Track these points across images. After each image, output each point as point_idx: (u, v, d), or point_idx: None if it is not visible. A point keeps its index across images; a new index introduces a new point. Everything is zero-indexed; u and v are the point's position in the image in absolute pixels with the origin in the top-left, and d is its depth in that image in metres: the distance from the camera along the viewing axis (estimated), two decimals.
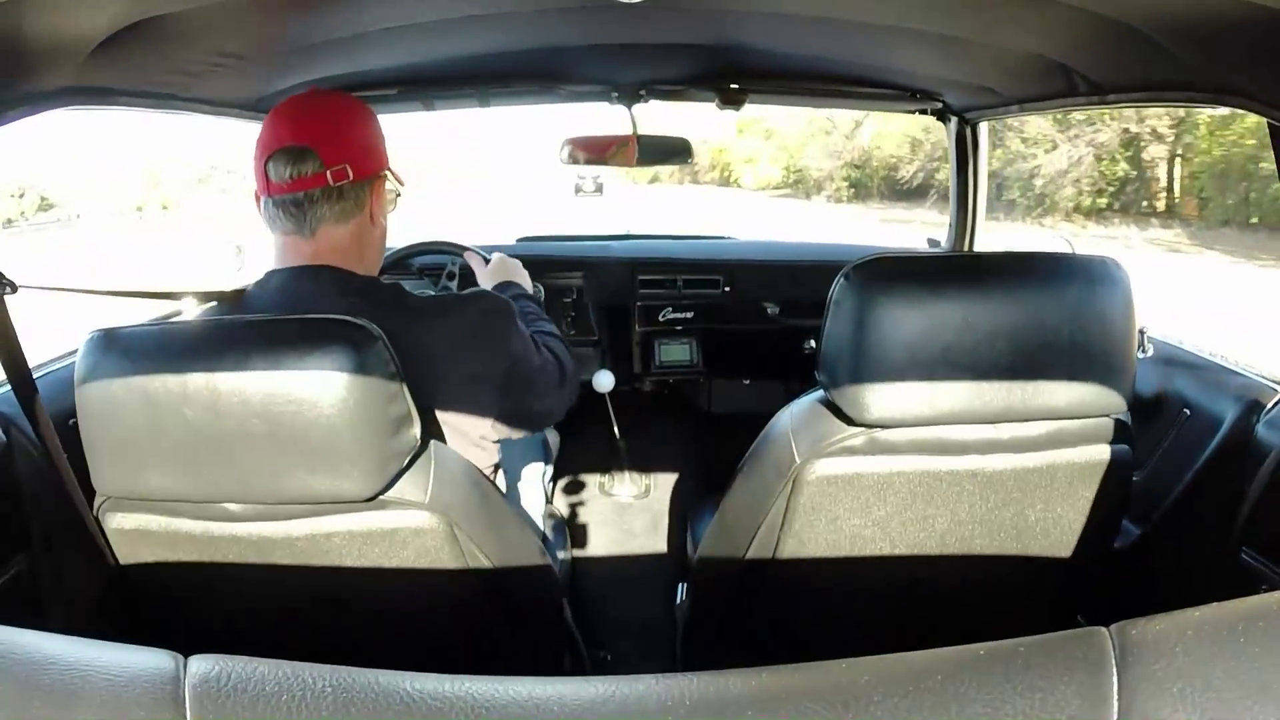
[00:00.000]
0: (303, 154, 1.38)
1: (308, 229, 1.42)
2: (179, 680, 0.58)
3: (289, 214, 1.41)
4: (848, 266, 1.25)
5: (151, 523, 1.23)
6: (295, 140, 1.39)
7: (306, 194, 1.39)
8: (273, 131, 1.40)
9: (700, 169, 42.85)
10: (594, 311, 3.03)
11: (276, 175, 1.39)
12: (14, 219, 29.30)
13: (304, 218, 1.41)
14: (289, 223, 1.41)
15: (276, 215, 1.41)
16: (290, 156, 1.39)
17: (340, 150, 1.41)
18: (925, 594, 1.50)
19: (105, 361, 1.12)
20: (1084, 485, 1.36)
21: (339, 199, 1.42)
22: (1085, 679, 0.56)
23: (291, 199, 1.40)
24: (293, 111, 1.43)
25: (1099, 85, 1.81)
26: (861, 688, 0.57)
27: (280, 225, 1.42)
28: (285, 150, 1.39)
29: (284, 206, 1.40)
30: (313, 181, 1.39)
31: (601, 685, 0.59)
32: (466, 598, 1.34)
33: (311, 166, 1.38)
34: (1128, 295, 1.26)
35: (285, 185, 1.39)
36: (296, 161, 1.38)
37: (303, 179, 1.39)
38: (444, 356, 1.43)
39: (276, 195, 1.40)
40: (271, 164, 1.39)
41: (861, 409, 1.25)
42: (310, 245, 1.43)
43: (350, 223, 1.45)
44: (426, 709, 0.56)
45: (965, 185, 2.88)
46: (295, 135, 1.39)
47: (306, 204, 1.40)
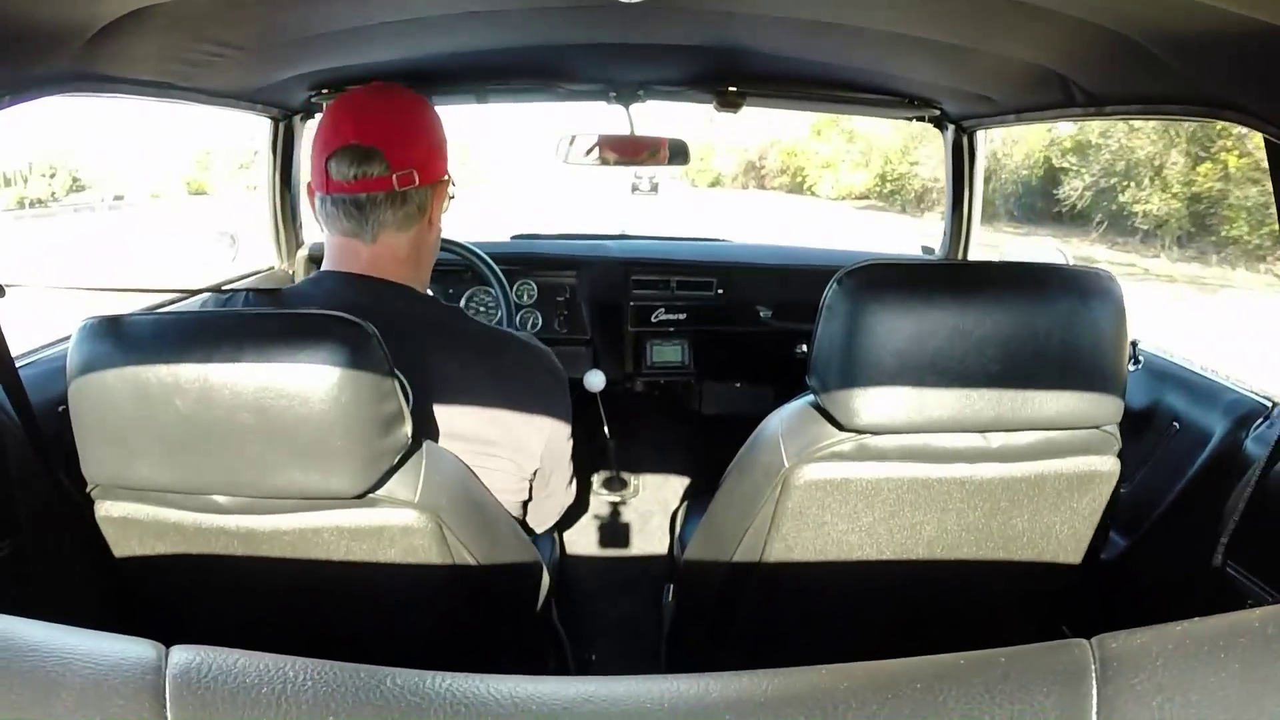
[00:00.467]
0: (369, 154, 1.34)
1: (369, 233, 1.38)
2: (160, 670, 0.58)
3: (349, 214, 1.37)
4: (840, 272, 1.25)
5: (140, 512, 1.23)
6: (361, 139, 1.34)
7: (369, 196, 1.36)
8: (336, 126, 1.36)
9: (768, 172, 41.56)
10: (587, 310, 3.03)
11: (339, 173, 1.35)
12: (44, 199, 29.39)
13: (365, 221, 1.37)
14: (348, 223, 1.38)
15: (335, 214, 1.38)
16: (355, 155, 1.34)
17: (408, 153, 1.37)
18: (911, 601, 1.50)
19: (98, 349, 1.11)
20: (1072, 496, 1.37)
21: (403, 204, 1.39)
22: (1064, 691, 0.56)
23: (353, 199, 1.36)
24: (359, 106, 1.39)
25: (1096, 97, 1.82)
26: (841, 694, 0.57)
27: (339, 225, 1.39)
28: (350, 148, 1.34)
29: (344, 206, 1.37)
30: (377, 184, 1.35)
31: (581, 685, 0.59)
32: (453, 596, 1.34)
33: (378, 169, 1.35)
34: (1120, 307, 1.26)
35: (348, 185, 1.35)
36: (362, 162, 1.34)
37: (367, 180, 1.35)
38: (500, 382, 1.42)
39: (336, 194, 1.36)
40: (334, 161, 1.35)
41: (851, 414, 1.25)
42: (369, 250, 1.40)
43: (412, 229, 1.42)
44: (407, 705, 0.56)
45: (961, 194, 2.88)
46: (361, 134, 1.35)
47: (369, 206, 1.37)
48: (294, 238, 2.97)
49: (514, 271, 2.90)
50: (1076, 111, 1.94)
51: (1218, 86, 1.41)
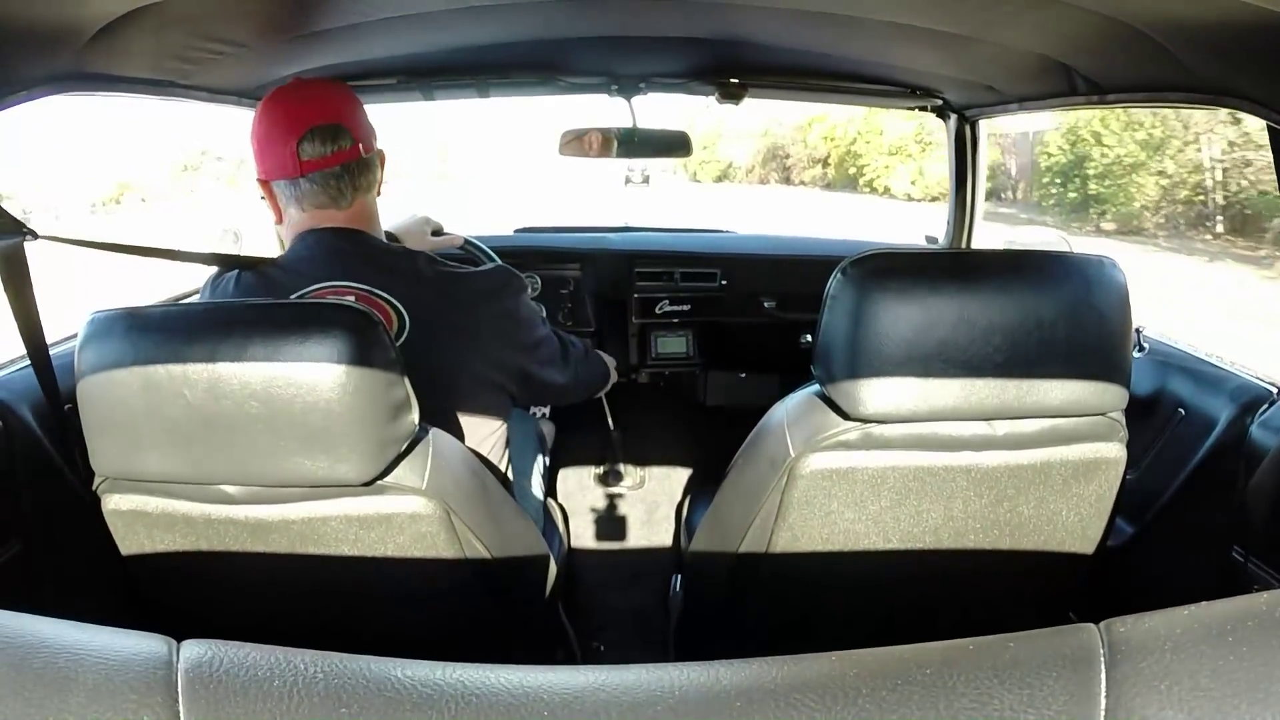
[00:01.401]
0: (337, 130, 1.50)
1: (345, 200, 1.53)
2: (172, 665, 0.58)
3: (327, 188, 1.51)
4: (845, 262, 1.25)
5: (149, 504, 1.23)
6: (325, 119, 1.50)
7: (345, 166, 1.50)
8: (295, 114, 1.50)
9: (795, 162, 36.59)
10: (591, 303, 3.03)
11: (313, 152, 1.49)
12: None
13: (341, 190, 1.52)
14: (324, 196, 1.51)
15: (313, 190, 1.50)
16: (326, 133, 1.49)
17: (360, 126, 1.54)
18: (918, 589, 1.50)
19: (106, 342, 1.12)
20: (1078, 483, 1.37)
21: (366, 170, 1.55)
22: (1073, 675, 0.56)
23: (331, 173, 1.50)
24: (306, 93, 1.53)
25: (1099, 85, 1.81)
26: (850, 680, 0.58)
27: (313, 200, 1.51)
28: (319, 128, 1.49)
29: (322, 181, 1.50)
30: (350, 154, 1.52)
31: (591, 674, 0.60)
32: (461, 585, 1.35)
33: (347, 141, 1.51)
34: (1124, 294, 1.26)
35: (325, 159, 1.49)
36: (333, 138, 1.50)
37: (341, 152, 1.51)
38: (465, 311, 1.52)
39: (313, 172, 1.48)
40: (305, 143, 1.49)
41: (856, 404, 1.25)
42: (344, 214, 1.53)
43: (372, 192, 1.58)
44: (417, 696, 0.57)
45: (964, 183, 2.88)
46: (323, 115, 1.50)
47: (345, 176, 1.51)
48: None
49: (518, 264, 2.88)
50: (1079, 100, 1.94)
51: (1219, 74, 1.41)
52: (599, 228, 3.42)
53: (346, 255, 1.49)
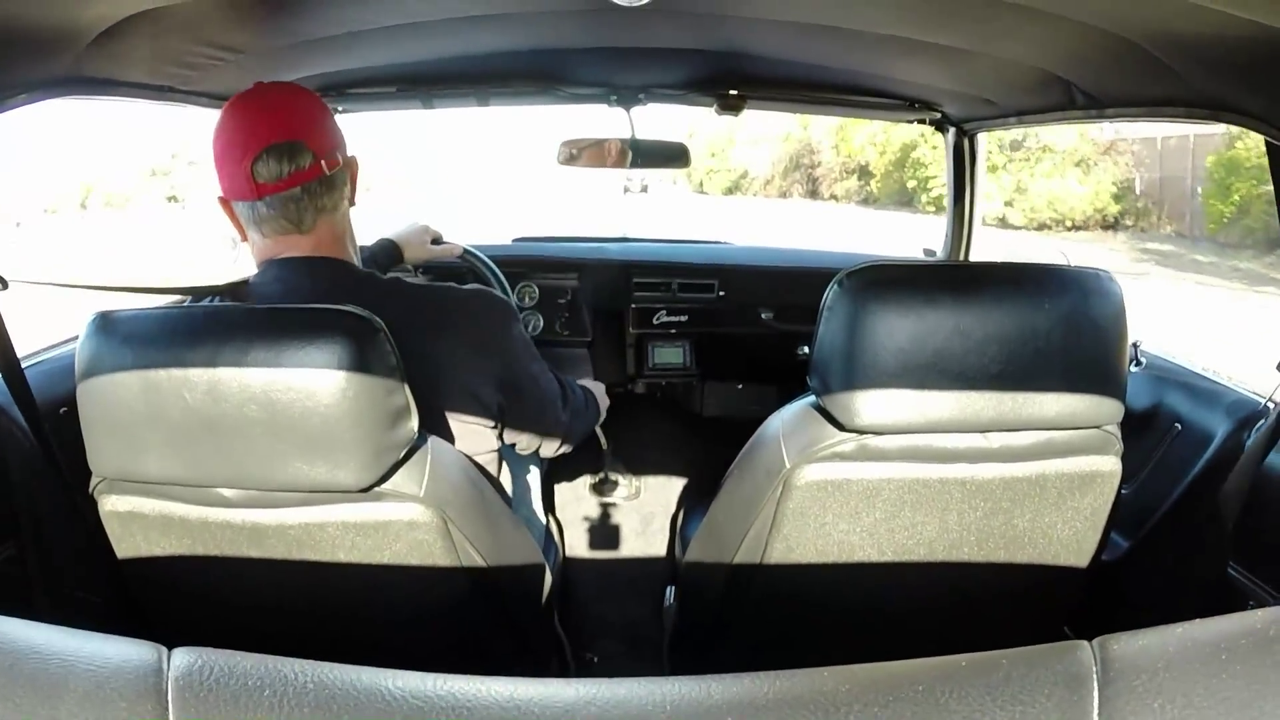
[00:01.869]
0: (294, 148, 1.34)
1: (307, 223, 1.38)
2: (162, 673, 0.58)
3: (286, 213, 1.36)
4: (841, 273, 1.26)
5: (145, 506, 1.23)
6: (283, 135, 1.34)
7: (305, 188, 1.35)
8: (248, 130, 1.34)
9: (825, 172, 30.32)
10: (588, 312, 3.03)
11: (269, 174, 1.33)
12: None
13: (303, 214, 1.37)
14: (285, 221, 1.37)
15: (269, 215, 1.36)
16: (282, 152, 1.33)
17: (324, 138, 1.39)
18: (912, 601, 1.50)
19: (107, 343, 1.13)
20: (1073, 496, 1.37)
21: (331, 188, 1.40)
22: (1066, 693, 0.56)
23: (290, 195, 1.35)
24: (260, 107, 1.37)
25: (1097, 99, 1.82)
26: (843, 696, 0.58)
27: (273, 225, 1.38)
28: (274, 147, 1.33)
29: (280, 205, 1.36)
30: (309, 173, 1.35)
31: (583, 688, 0.60)
32: (457, 593, 1.35)
33: (307, 159, 1.34)
34: (1120, 308, 1.26)
35: (281, 183, 1.34)
36: (291, 156, 1.34)
37: (300, 173, 1.34)
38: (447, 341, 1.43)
39: (269, 195, 1.34)
40: (260, 164, 1.33)
41: (852, 415, 1.25)
42: (309, 240, 1.40)
43: (340, 209, 1.44)
44: (408, 708, 0.57)
45: (962, 196, 2.88)
46: (280, 130, 1.34)
47: (306, 199, 1.36)
48: None
49: (515, 274, 2.90)
50: (1077, 114, 1.94)
51: (1218, 88, 1.42)
52: (597, 238, 3.42)
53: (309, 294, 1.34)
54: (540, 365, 1.64)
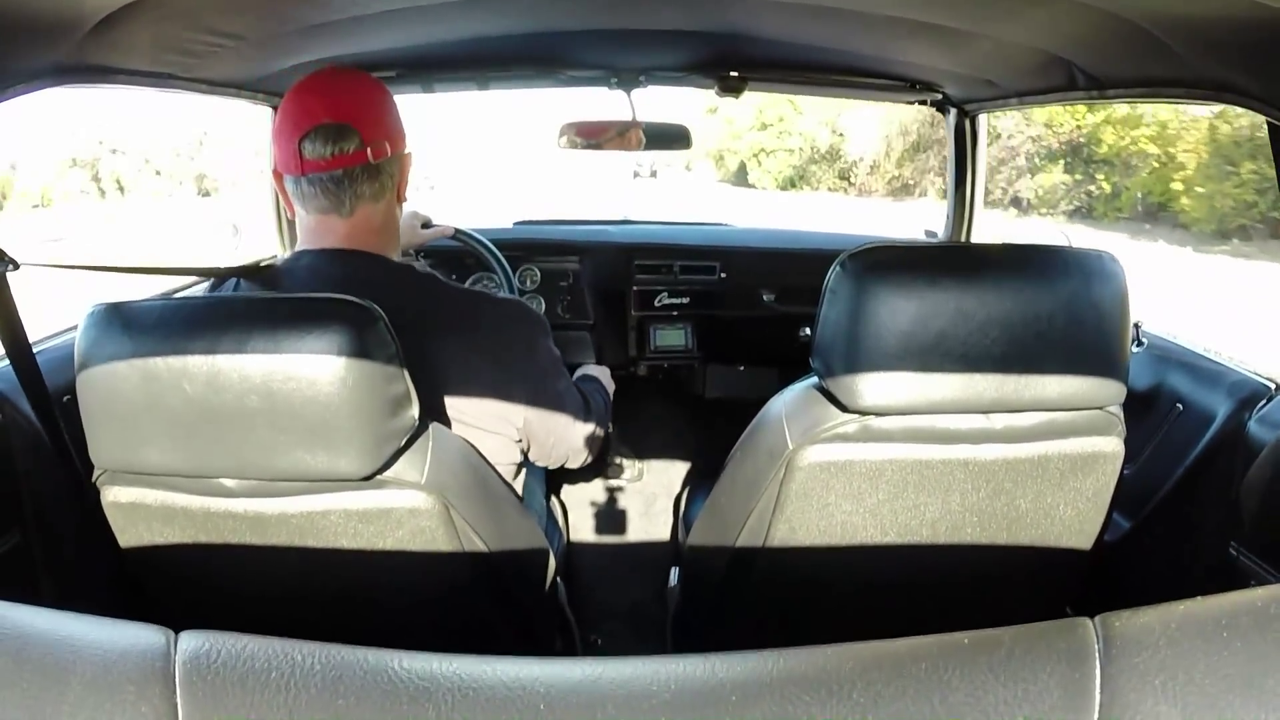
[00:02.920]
0: (343, 130, 1.38)
1: (346, 208, 1.41)
2: (169, 656, 0.58)
3: (327, 192, 1.40)
4: (843, 255, 1.25)
5: (148, 497, 1.24)
6: (334, 117, 1.37)
7: (346, 171, 1.39)
8: (304, 108, 1.38)
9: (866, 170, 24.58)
10: (590, 295, 3.03)
11: (314, 152, 1.37)
12: None
13: (343, 196, 1.40)
14: (325, 200, 1.41)
15: (312, 193, 1.40)
16: (330, 133, 1.37)
17: (376, 127, 1.41)
18: (915, 582, 1.51)
19: (106, 335, 1.12)
20: (1075, 477, 1.37)
21: (376, 176, 1.42)
22: (1068, 670, 0.56)
23: (330, 176, 1.39)
24: (324, 87, 1.41)
25: (1099, 80, 1.81)
26: (846, 674, 0.58)
27: (315, 203, 1.41)
28: (324, 127, 1.37)
29: (321, 184, 1.39)
30: (354, 159, 1.38)
31: (587, 666, 0.60)
32: (460, 579, 1.35)
33: (353, 144, 1.38)
34: (1122, 289, 1.26)
35: (325, 162, 1.38)
36: (337, 139, 1.37)
37: (343, 156, 1.38)
38: (476, 350, 1.44)
39: (313, 173, 1.38)
40: (308, 141, 1.37)
41: (855, 396, 1.25)
42: (346, 225, 1.43)
43: (383, 201, 1.46)
44: (414, 688, 0.57)
45: (963, 177, 2.88)
46: (333, 112, 1.38)
47: (347, 181, 1.40)
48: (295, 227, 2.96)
49: (517, 257, 2.90)
50: (1079, 95, 1.94)
51: (1219, 70, 1.41)
52: (598, 221, 3.42)
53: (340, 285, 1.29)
54: (567, 381, 1.65)
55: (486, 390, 1.46)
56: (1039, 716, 0.54)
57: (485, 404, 1.46)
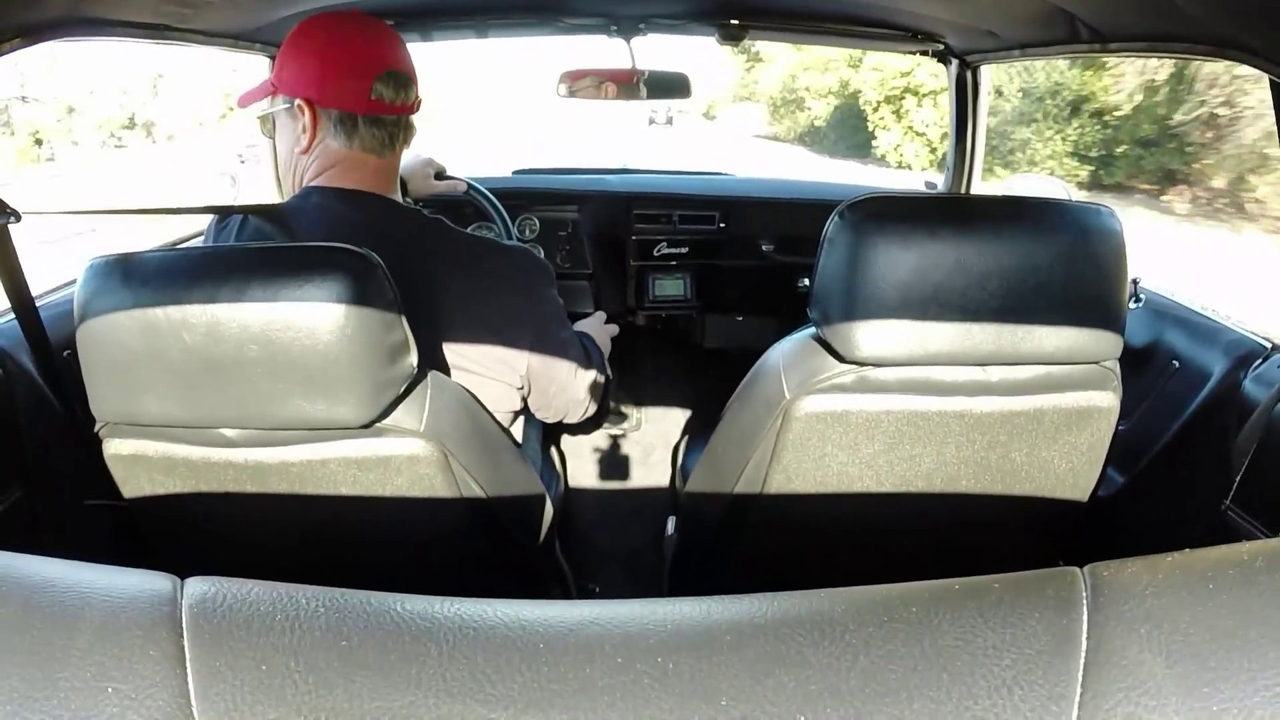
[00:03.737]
0: (407, 81, 1.46)
1: (390, 150, 1.48)
2: (176, 601, 0.59)
3: (384, 132, 1.46)
4: (842, 205, 1.25)
5: (149, 448, 1.24)
6: (402, 67, 1.46)
7: (399, 118, 1.48)
8: (375, 50, 1.44)
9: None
10: (589, 245, 3.02)
11: (386, 95, 1.44)
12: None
13: (394, 140, 1.48)
14: (375, 141, 1.46)
15: (369, 132, 1.45)
16: (399, 81, 1.44)
17: (416, 84, 1.49)
18: (910, 532, 1.52)
19: (106, 287, 1.12)
20: (1070, 431, 1.38)
21: (410, 128, 1.52)
22: (1056, 616, 0.57)
23: (391, 120, 1.46)
24: (389, 36, 1.48)
25: (1101, 33, 1.80)
26: (838, 616, 0.59)
27: (363, 142, 1.45)
28: (394, 74, 1.44)
29: (381, 125, 1.45)
30: (411, 108, 1.49)
31: (586, 609, 0.61)
32: (459, 526, 1.36)
33: (412, 95, 1.48)
34: (1120, 245, 1.26)
35: (392, 106, 1.45)
36: (403, 87, 1.46)
37: (406, 105, 1.47)
38: (481, 295, 1.46)
39: (377, 114, 1.43)
40: (380, 83, 1.43)
41: (852, 347, 1.26)
42: (378, 164, 1.48)
43: (406, 148, 1.53)
44: (416, 629, 0.58)
45: (964, 128, 2.86)
46: (399, 62, 1.45)
47: (398, 128, 1.48)
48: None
49: (516, 206, 2.89)
50: (1081, 48, 1.92)
51: (1224, 26, 1.40)
52: (598, 169, 3.40)
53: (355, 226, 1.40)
54: (570, 331, 1.66)
55: (490, 336, 1.47)
56: (1026, 660, 0.55)
57: (488, 350, 1.48)
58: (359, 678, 0.55)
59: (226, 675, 0.55)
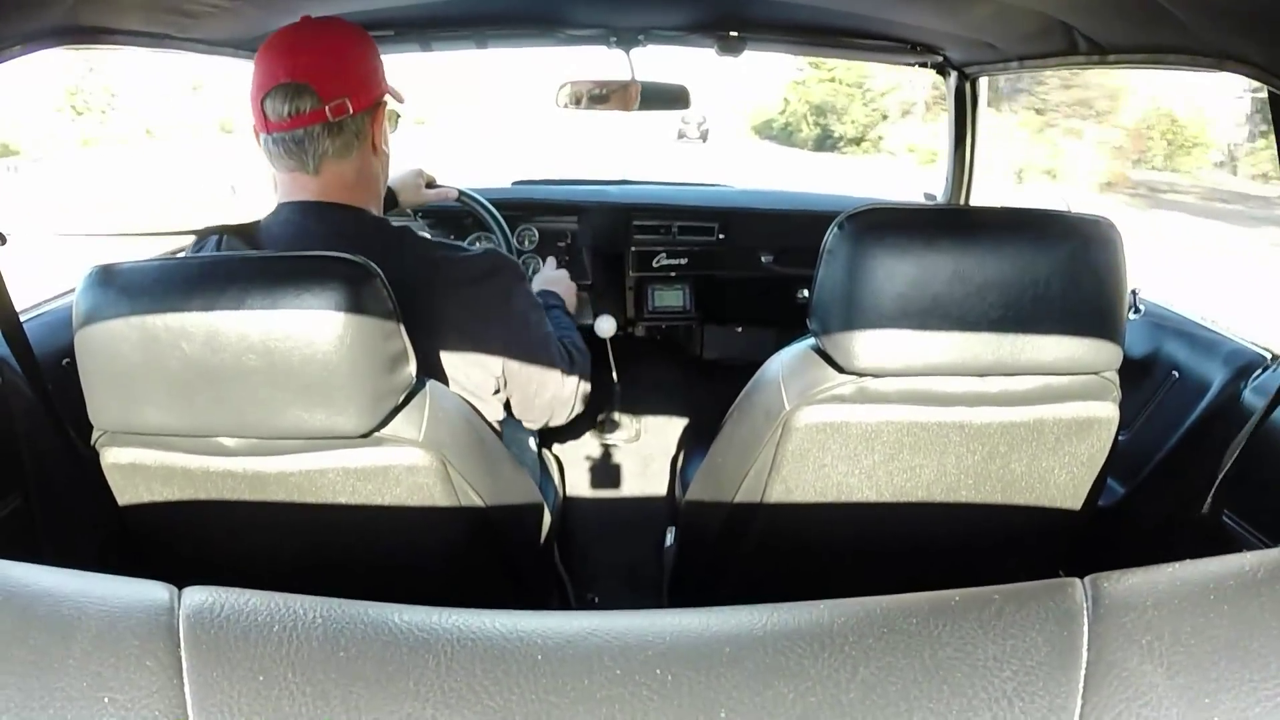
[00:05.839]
0: (300, 90, 1.36)
1: (311, 166, 1.41)
2: (173, 611, 0.59)
3: (290, 151, 1.39)
4: (841, 216, 1.26)
5: (147, 457, 1.24)
6: (291, 76, 1.36)
7: (306, 130, 1.38)
8: (267, 67, 1.37)
9: None
10: (588, 256, 3.02)
11: (274, 113, 1.37)
12: None
13: (305, 155, 1.40)
14: (290, 159, 1.40)
15: (277, 152, 1.40)
16: (287, 93, 1.36)
17: (338, 84, 1.38)
18: (910, 543, 1.52)
19: (104, 296, 1.12)
20: (1070, 441, 1.38)
21: (339, 133, 1.40)
22: (1056, 628, 0.57)
23: (291, 136, 1.38)
24: (286, 45, 1.39)
25: (1100, 45, 1.80)
26: (838, 628, 0.59)
27: (282, 163, 1.41)
28: (281, 87, 1.36)
29: (284, 144, 1.39)
30: (311, 118, 1.37)
31: (584, 620, 0.61)
32: (458, 536, 1.36)
33: (310, 103, 1.36)
34: (1119, 255, 1.26)
35: (284, 123, 1.37)
36: (293, 98, 1.36)
37: (300, 116, 1.37)
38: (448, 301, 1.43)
39: (276, 133, 1.38)
40: (269, 101, 1.36)
41: (851, 357, 1.26)
42: (316, 182, 1.42)
43: (353, 156, 1.44)
44: (413, 640, 0.58)
45: (963, 140, 2.86)
46: (291, 71, 1.36)
47: (307, 141, 1.39)
48: None
49: (515, 217, 2.89)
50: (1079, 59, 1.92)
51: (1223, 38, 1.41)
52: (597, 180, 3.41)
53: (315, 238, 1.39)
54: (547, 328, 1.63)
55: (462, 340, 1.46)
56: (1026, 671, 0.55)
57: (462, 355, 1.46)
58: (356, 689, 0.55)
59: (223, 685, 0.55)
